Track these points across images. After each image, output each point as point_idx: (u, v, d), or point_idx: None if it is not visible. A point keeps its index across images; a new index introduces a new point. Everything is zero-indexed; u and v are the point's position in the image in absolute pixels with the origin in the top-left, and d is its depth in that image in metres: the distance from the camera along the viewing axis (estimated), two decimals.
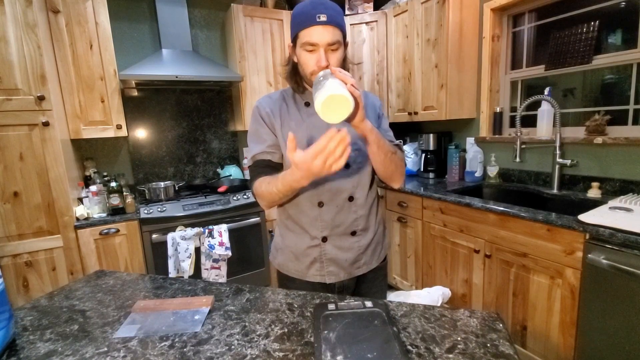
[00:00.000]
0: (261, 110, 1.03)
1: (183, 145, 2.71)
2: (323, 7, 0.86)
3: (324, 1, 0.88)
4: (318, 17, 0.85)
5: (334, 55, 0.90)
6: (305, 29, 0.88)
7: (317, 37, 0.87)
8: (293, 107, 1.03)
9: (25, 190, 1.78)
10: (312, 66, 0.90)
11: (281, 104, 1.03)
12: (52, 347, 0.73)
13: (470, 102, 2.36)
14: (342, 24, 0.91)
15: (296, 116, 1.01)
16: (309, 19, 0.86)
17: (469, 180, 2.36)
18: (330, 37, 0.87)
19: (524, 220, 1.55)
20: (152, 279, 1.06)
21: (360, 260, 1.06)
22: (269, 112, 1.02)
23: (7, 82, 1.69)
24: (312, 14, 0.86)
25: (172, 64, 2.28)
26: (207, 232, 2.15)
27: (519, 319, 1.66)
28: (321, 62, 0.87)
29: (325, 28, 0.86)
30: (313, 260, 1.05)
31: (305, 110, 1.01)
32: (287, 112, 1.02)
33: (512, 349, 0.66)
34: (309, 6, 0.88)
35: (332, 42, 0.88)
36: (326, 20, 0.85)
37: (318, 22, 0.85)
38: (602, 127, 1.75)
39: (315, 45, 0.88)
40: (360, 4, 2.78)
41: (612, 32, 1.79)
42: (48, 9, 1.92)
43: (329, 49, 0.88)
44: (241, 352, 0.68)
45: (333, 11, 0.87)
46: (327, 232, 1.02)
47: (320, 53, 0.88)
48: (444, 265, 2.06)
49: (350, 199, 1.01)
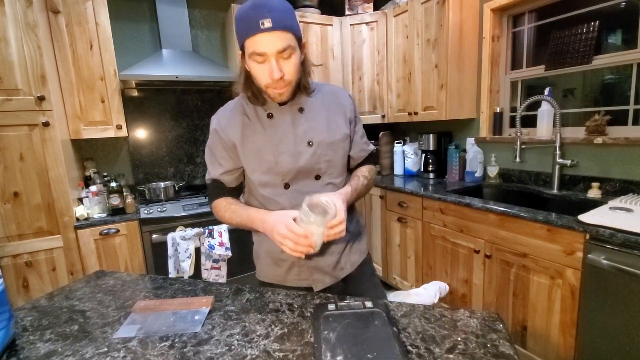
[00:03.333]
0: (218, 128, 0.95)
1: (183, 145, 2.71)
2: (266, 10, 0.76)
3: (267, 3, 0.77)
4: (262, 24, 0.75)
5: (288, 63, 0.82)
6: (249, 38, 0.78)
7: (264, 46, 0.78)
8: (255, 120, 0.94)
9: (26, 191, 1.78)
10: (266, 79, 0.83)
11: (242, 117, 0.95)
12: (52, 347, 0.73)
13: (470, 102, 2.36)
14: (292, 25, 0.80)
15: (259, 130, 0.94)
16: (252, 26, 0.76)
17: (469, 181, 2.36)
18: (279, 44, 0.78)
19: (524, 220, 1.55)
20: (152, 279, 1.06)
21: (341, 261, 1.02)
22: (225, 129, 0.94)
23: (7, 82, 1.69)
24: (255, 20, 0.76)
25: (172, 64, 2.28)
26: (207, 232, 2.15)
27: (519, 319, 1.66)
28: (274, 75, 0.80)
29: (272, 34, 0.77)
30: (291, 265, 1.01)
31: (268, 122, 0.94)
32: (250, 125, 0.94)
33: (512, 349, 0.66)
34: (250, 11, 0.77)
35: (283, 49, 0.79)
36: (271, 25, 0.76)
37: (262, 29, 0.76)
38: (602, 127, 1.75)
39: (264, 54, 0.79)
40: (360, 4, 2.78)
41: (612, 32, 1.79)
42: (48, 9, 1.92)
43: (281, 57, 0.80)
44: (241, 352, 0.68)
45: (278, 12, 0.77)
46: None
47: (272, 64, 0.80)
48: (444, 266, 2.06)
49: None
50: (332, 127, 0.97)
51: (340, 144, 0.98)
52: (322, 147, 0.95)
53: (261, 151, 0.94)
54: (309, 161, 0.94)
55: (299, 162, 0.93)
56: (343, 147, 0.99)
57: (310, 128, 0.94)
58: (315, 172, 0.96)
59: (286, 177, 0.94)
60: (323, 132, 0.95)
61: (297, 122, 0.94)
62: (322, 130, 0.95)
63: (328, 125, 0.96)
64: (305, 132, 0.94)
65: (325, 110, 0.97)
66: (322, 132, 0.95)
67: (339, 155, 0.98)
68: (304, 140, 0.94)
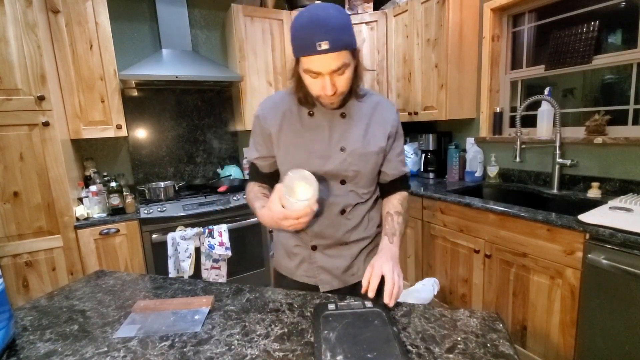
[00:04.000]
0: (260, 114, 1.00)
1: (183, 145, 2.71)
2: (324, 31, 0.74)
3: (325, 21, 0.75)
4: (319, 45, 0.75)
5: (342, 78, 0.82)
6: (305, 57, 0.79)
7: (319, 67, 0.79)
8: (296, 115, 0.96)
9: (25, 190, 1.78)
10: (318, 91, 0.84)
11: (285, 109, 0.97)
12: (52, 347, 0.73)
13: (470, 102, 2.36)
14: (349, 41, 0.79)
15: (297, 126, 0.96)
16: (309, 47, 0.76)
17: (469, 180, 2.36)
18: (334, 64, 0.78)
19: (524, 220, 1.55)
20: (152, 279, 1.06)
21: (353, 267, 1.02)
22: (266, 117, 0.98)
23: (7, 82, 1.69)
24: (312, 42, 0.75)
25: (172, 64, 2.28)
26: (207, 232, 2.15)
27: (519, 319, 1.66)
28: (327, 91, 0.81)
29: (328, 57, 0.77)
30: (302, 260, 1.03)
31: (307, 120, 0.95)
32: (290, 118, 0.96)
33: (512, 349, 0.66)
34: (308, 30, 0.76)
35: (338, 68, 0.79)
36: (328, 47, 0.75)
37: (319, 51, 0.75)
38: (602, 127, 1.75)
39: (319, 73, 0.80)
40: (360, 4, 2.78)
41: (612, 32, 1.79)
42: (48, 9, 1.92)
43: (335, 73, 0.80)
44: (241, 352, 0.68)
45: (336, 33, 0.75)
46: (315, 241, 1.00)
47: (325, 81, 0.81)
48: (444, 266, 2.06)
49: (342, 212, 0.98)
50: (368, 138, 0.95)
51: (373, 157, 0.96)
52: (353, 155, 0.94)
53: (294, 147, 0.96)
54: (337, 166, 0.94)
55: (327, 165, 0.94)
56: (375, 160, 0.97)
57: (346, 134, 0.94)
58: (341, 177, 0.95)
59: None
60: (358, 141, 0.94)
61: (335, 126, 0.94)
62: (357, 139, 0.94)
63: (365, 135, 0.95)
64: (340, 137, 0.94)
65: (366, 120, 0.96)
66: (357, 141, 0.94)
67: (369, 167, 0.96)
68: (337, 145, 0.94)
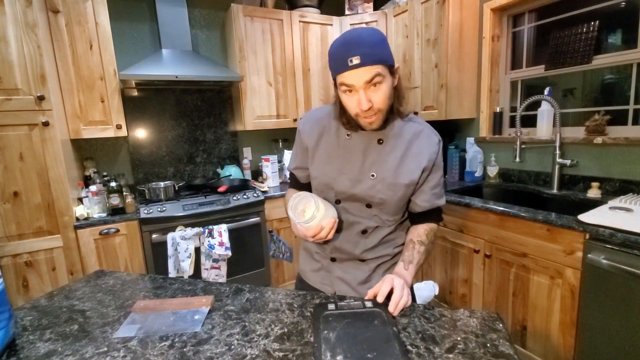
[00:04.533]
0: (301, 128, 1.03)
1: (183, 145, 2.71)
2: (355, 47, 0.77)
3: (357, 38, 0.78)
4: (350, 61, 0.77)
5: (377, 92, 0.82)
6: (340, 74, 0.81)
7: (352, 80, 0.80)
8: (334, 134, 0.98)
9: (25, 190, 1.78)
10: (355, 108, 0.85)
11: (325, 125, 0.99)
12: (52, 347, 0.73)
13: (470, 102, 2.36)
14: (383, 57, 0.80)
15: (334, 144, 0.97)
16: (342, 64, 0.79)
17: (469, 180, 2.36)
18: (367, 76, 0.79)
19: (524, 220, 1.55)
20: (152, 279, 1.06)
21: (371, 280, 1.00)
22: (305, 131, 1.01)
23: (7, 82, 1.69)
24: (344, 59, 0.78)
25: (172, 64, 2.28)
26: (207, 232, 2.15)
27: (518, 319, 1.66)
28: (362, 106, 0.81)
29: (360, 70, 0.78)
30: (321, 268, 1.05)
31: (344, 141, 0.96)
32: (327, 136, 0.98)
33: (512, 349, 0.66)
34: (341, 48, 0.79)
35: (371, 79, 0.79)
36: (359, 62, 0.77)
37: (351, 66, 0.78)
38: (602, 127, 1.75)
39: (352, 86, 0.81)
40: (360, 4, 2.78)
41: (612, 32, 1.79)
42: (48, 9, 1.92)
43: (369, 87, 0.81)
44: (241, 352, 0.68)
45: (368, 48, 0.77)
46: (336, 254, 1.01)
47: (360, 95, 0.81)
48: (444, 266, 2.06)
49: (363, 232, 0.98)
50: (402, 169, 0.93)
51: (402, 188, 0.94)
52: (383, 183, 0.93)
53: (327, 165, 0.97)
54: (365, 191, 0.94)
55: (355, 188, 0.94)
56: (404, 192, 0.95)
57: (379, 161, 0.93)
58: (367, 201, 0.95)
59: (339, 196, 0.97)
60: (390, 170, 0.93)
61: (370, 151, 0.94)
62: (389, 169, 0.93)
63: (399, 165, 0.93)
64: (372, 163, 0.93)
65: (403, 149, 0.94)
66: (389, 170, 0.93)
67: (397, 197, 0.94)
68: (368, 171, 0.94)
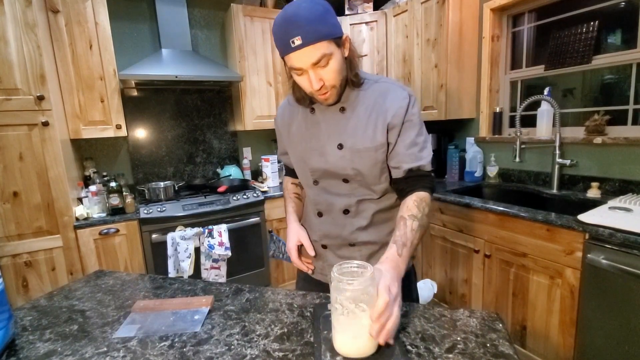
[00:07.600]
0: (277, 115, 1.07)
1: (183, 145, 2.71)
2: (295, 26, 0.75)
3: (295, 17, 0.75)
4: (292, 42, 0.76)
5: (327, 70, 0.80)
6: (286, 56, 0.80)
7: (299, 62, 0.79)
8: (301, 113, 0.98)
9: (25, 190, 1.78)
10: (308, 87, 0.84)
11: (293, 108, 1.00)
12: (52, 347, 0.73)
13: (470, 102, 2.36)
14: (325, 32, 0.77)
15: (301, 123, 0.97)
16: (285, 45, 0.77)
17: (469, 180, 2.36)
18: (313, 57, 0.77)
19: (524, 220, 1.55)
20: (152, 279, 1.06)
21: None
22: (279, 117, 1.05)
23: (7, 82, 1.69)
24: (286, 40, 0.76)
25: (172, 64, 2.28)
26: (207, 232, 2.15)
27: (518, 319, 1.66)
28: (314, 86, 0.81)
29: (304, 50, 0.76)
30: (317, 257, 1.04)
31: (310, 117, 0.96)
32: (296, 117, 0.99)
33: (511, 349, 0.66)
34: (281, 29, 0.77)
35: (318, 60, 0.78)
36: (301, 42, 0.75)
37: (293, 47, 0.76)
38: (602, 127, 1.75)
39: (300, 69, 0.80)
40: (360, 4, 2.78)
41: (612, 32, 1.79)
42: (48, 9, 1.92)
43: (318, 67, 0.79)
44: (241, 352, 0.68)
45: (308, 26, 0.75)
46: (325, 241, 1.01)
47: (310, 76, 0.80)
48: (443, 266, 2.06)
49: (345, 211, 0.96)
50: (367, 132, 0.89)
51: (370, 153, 0.89)
52: (350, 152, 0.90)
53: (297, 144, 0.99)
54: (336, 163, 0.92)
55: (327, 163, 0.93)
56: (374, 156, 0.89)
57: (344, 130, 0.90)
58: (342, 176, 0.93)
59: (315, 174, 0.97)
60: (356, 136, 0.89)
61: (334, 122, 0.91)
62: (354, 134, 0.89)
63: (365, 129, 0.89)
64: (339, 134, 0.91)
65: (368, 112, 0.89)
66: (354, 137, 0.89)
67: (368, 164, 0.90)
68: (334, 142, 0.91)
